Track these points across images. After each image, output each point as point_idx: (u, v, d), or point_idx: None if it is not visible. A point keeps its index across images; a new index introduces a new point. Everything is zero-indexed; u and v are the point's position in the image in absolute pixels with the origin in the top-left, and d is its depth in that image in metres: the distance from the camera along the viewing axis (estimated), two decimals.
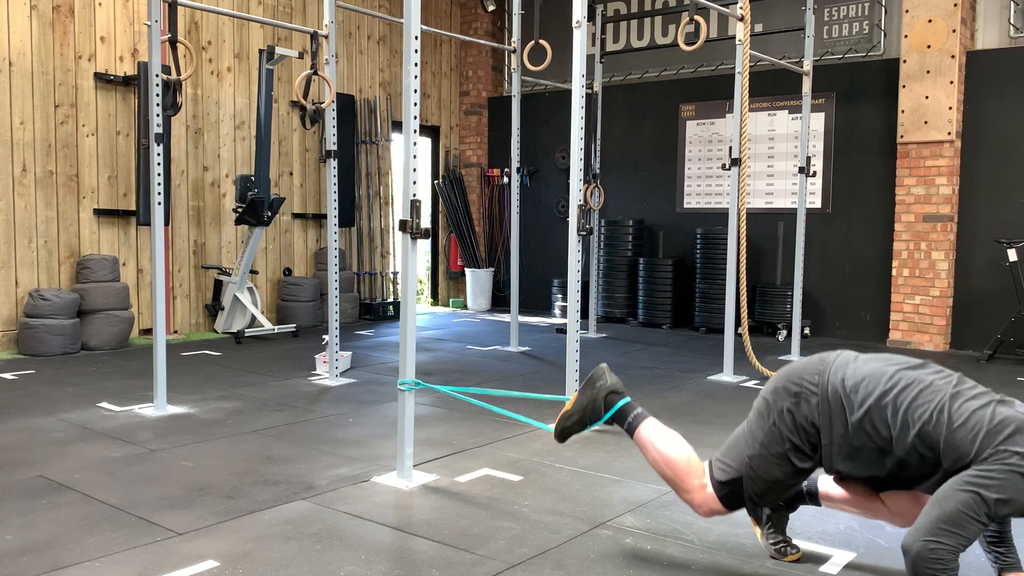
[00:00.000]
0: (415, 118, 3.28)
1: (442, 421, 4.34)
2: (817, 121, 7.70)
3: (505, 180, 9.95)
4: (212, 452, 3.72)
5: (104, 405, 4.59)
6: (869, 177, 7.55)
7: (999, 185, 6.96)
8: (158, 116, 4.39)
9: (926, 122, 7.03)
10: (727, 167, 5.71)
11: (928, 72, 6.99)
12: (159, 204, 4.40)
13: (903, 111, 7.13)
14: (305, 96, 5.08)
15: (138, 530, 2.76)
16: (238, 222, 7.19)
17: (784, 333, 7.55)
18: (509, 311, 7.05)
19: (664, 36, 8.83)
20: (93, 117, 6.71)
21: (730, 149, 5.67)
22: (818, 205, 7.77)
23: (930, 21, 6.97)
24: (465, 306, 10.04)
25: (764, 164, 8.15)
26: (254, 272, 7.78)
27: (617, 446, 3.86)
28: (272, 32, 7.96)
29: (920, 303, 7.18)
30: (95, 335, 6.41)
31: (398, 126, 9.07)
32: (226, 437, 3.98)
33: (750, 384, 5.49)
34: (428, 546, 2.67)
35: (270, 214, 7.08)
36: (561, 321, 8.76)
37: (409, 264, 3.29)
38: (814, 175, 7.75)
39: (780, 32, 7.44)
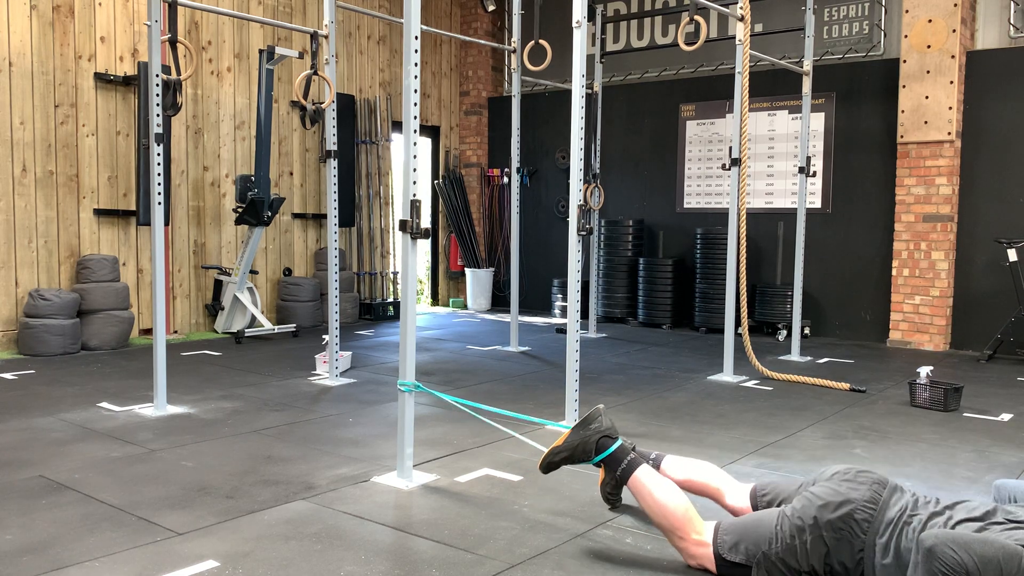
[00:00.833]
0: (415, 118, 3.28)
1: (442, 421, 4.34)
2: (817, 121, 7.70)
3: (505, 180, 9.95)
4: (212, 452, 3.71)
5: (104, 405, 4.59)
6: (869, 177, 7.55)
7: (999, 185, 6.96)
8: (158, 116, 4.39)
9: (926, 122, 7.03)
10: (727, 167, 5.71)
11: (928, 72, 6.99)
12: (159, 204, 4.40)
13: (903, 111, 7.14)
14: (305, 96, 5.08)
15: (138, 530, 2.76)
16: (238, 222, 7.19)
17: (784, 333, 7.55)
18: (509, 311, 7.05)
19: (664, 36, 8.83)
20: (93, 117, 6.71)
21: (730, 149, 5.67)
22: (818, 205, 7.77)
23: (930, 21, 6.97)
24: (465, 306, 10.04)
25: (764, 164, 8.15)
26: (254, 272, 7.78)
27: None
28: (272, 32, 7.96)
29: (920, 303, 7.18)
30: (95, 335, 6.41)
31: (398, 126, 9.07)
32: (226, 437, 3.98)
33: (750, 384, 5.49)
34: (428, 546, 2.67)
35: (270, 214, 7.08)
36: (561, 321, 8.76)
37: (409, 264, 3.29)
38: (814, 175, 7.75)
39: (780, 32, 7.44)
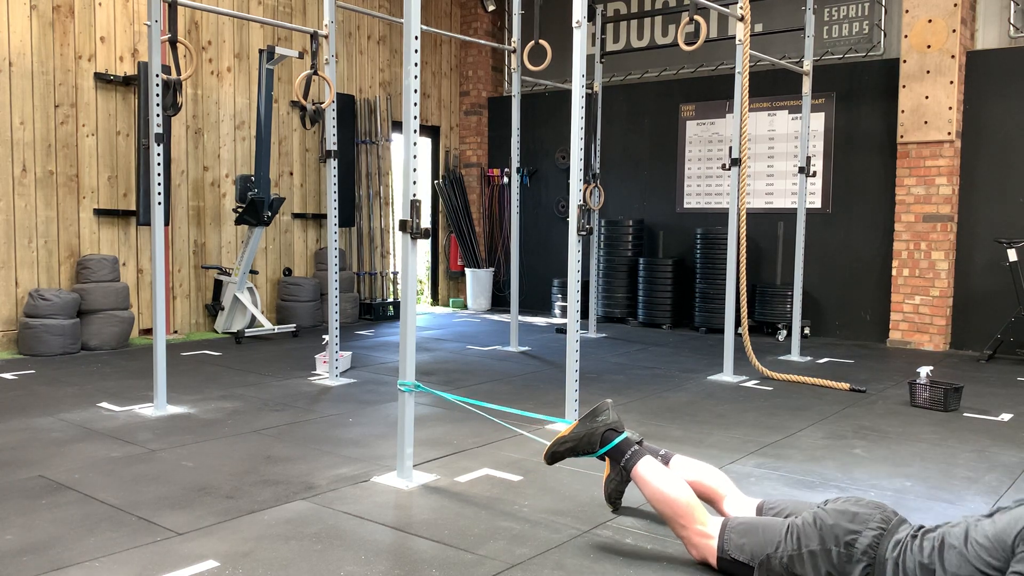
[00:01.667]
0: (415, 118, 3.28)
1: (442, 421, 4.34)
2: (817, 121, 7.70)
3: (505, 180, 9.95)
4: (212, 452, 3.71)
5: (104, 405, 4.59)
6: (869, 177, 7.55)
7: (999, 185, 6.96)
8: (158, 116, 4.39)
9: (926, 122, 7.03)
10: (727, 167, 5.71)
11: (928, 72, 6.99)
12: (159, 204, 4.40)
13: (903, 111, 7.13)
14: (305, 96, 5.08)
15: (138, 530, 2.76)
16: (238, 222, 7.19)
17: (784, 333, 7.55)
18: (509, 311, 7.05)
19: (664, 36, 8.83)
20: (93, 117, 6.71)
21: (730, 149, 5.67)
22: (818, 205, 7.77)
23: (930, 21, 6.97)
24: (465, 306, 10.04)
25: (764, 164, 8.15)
26: (254, 272, 7.78)
27: None
28: (272, 32, 7.96)
29: (920, 303, 7.18)
30: (95, 335, 6.41)
31: (398, 126, 9.07)
32: (226, 437, 3.98)
33: (750, 384, 5.49)
34: (428, 546, 2.67)
35: (270, 214, 7.08)
36: (561, 321, 8.76)
37: (409, 264, 3.29)
38: (814, 175, 7.75)
39: (780, 32, 7.44)
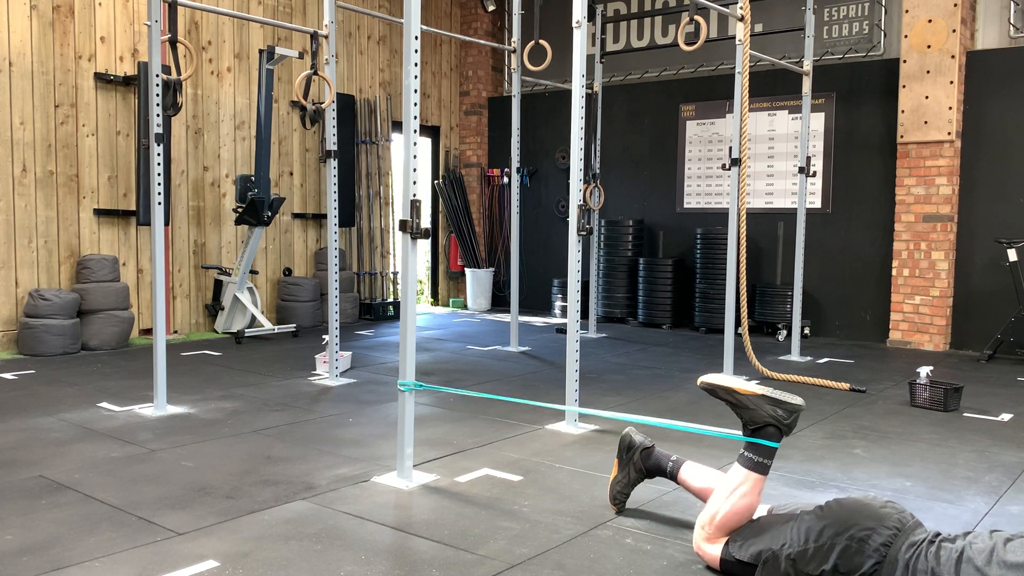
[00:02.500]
0: (415, 118, 3.28)
1: (442, 421, 4.34)
2: (817, 121, 7.70)
3: (505, 180, 9.95)
4: (212, 452, 3.71)
5: (104, 405, 4.59)
6: (869, 177, 7.55)
7: (999, 185, 6.96)
8: (158, 116, 4.39)
9: (926, 122, 7.03)
10: (727, 167, 5.71)
11: (928, 72, 6.99)
12: (159, 204, 4.40)
13: (903, 111, 7.13)
14: (305, 96, 5.08)
15: (138, 530, 2.76)
16: (238, 222, 7.19)
17: (784, 333, 7.55)
18: (509, 311, 7.05)
19: (664, 36, 8.83)
20: (93, 117, 6.71)
21: (730, 149, 5.67)
22: (818, 205, 7.77)
23: (930, 21, 6.97)
24: (465, 306, 10.04)
25: (764, 164, 8.15)
26: (254, 272, 7.78)
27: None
28: (272, 32, 7.96)
29: (920, 303, 7.18)
30: (95, 335, 6.41)
31: (398, 126, 9.07)
32: (226, 437, 3.98)
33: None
34: (428, 546, 2.67)
35: (270, 214, 7.08)
36: (561, 321, 8.75)
37: (409, 264, 3.29)
38: (814, 175, 7.75)
39: (780, 32, 7.44)
